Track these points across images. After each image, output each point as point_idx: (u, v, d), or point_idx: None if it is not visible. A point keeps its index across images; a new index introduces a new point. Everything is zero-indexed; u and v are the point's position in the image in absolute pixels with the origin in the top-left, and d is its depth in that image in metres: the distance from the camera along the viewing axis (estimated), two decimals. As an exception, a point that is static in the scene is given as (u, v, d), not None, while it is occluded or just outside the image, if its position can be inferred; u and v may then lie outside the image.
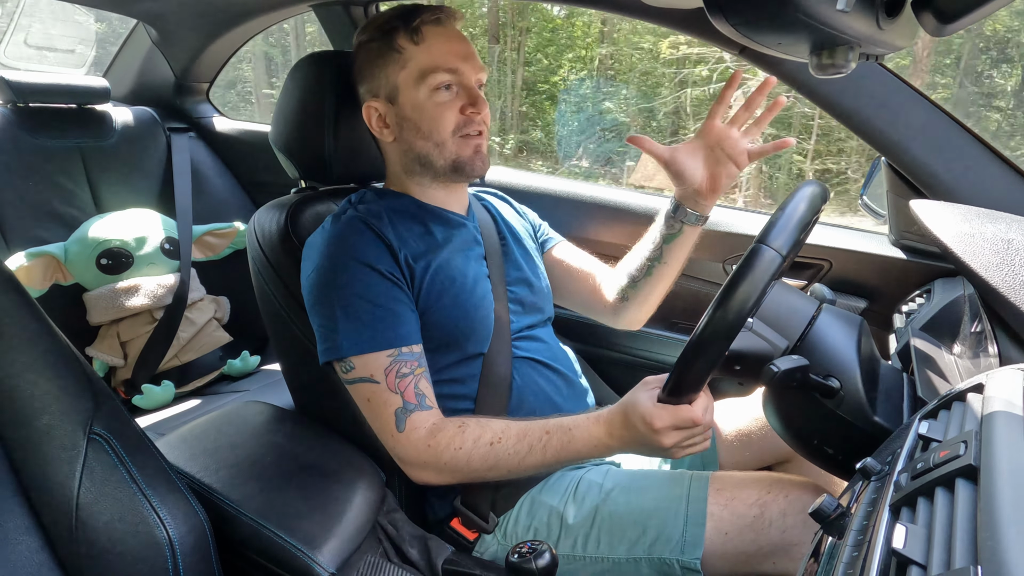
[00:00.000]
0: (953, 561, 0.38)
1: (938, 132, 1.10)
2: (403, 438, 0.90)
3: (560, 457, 0.88)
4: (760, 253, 0.73)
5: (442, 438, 0.89)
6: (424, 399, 0.92)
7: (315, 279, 0.93)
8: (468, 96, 0.97)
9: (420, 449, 0.89)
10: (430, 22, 0.96)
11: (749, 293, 0.72)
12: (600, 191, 1.54)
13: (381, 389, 0.90)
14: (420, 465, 0.90)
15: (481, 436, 0.89)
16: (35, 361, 0.68)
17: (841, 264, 1.30)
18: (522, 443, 0.89)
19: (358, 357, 0.90)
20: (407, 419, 0.90)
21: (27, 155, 1.60)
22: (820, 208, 0.84)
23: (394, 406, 0.90)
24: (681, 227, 1.04)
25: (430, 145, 0.98)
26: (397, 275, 0.93)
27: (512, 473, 0.90)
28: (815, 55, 0.62)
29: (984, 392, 0.55)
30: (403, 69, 0.96)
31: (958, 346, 0.89)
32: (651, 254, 1.09)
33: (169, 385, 1.61)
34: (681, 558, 0.87)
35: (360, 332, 0.90)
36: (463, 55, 0.96)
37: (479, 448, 0.89)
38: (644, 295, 1.13)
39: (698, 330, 0.76)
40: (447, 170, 1.00)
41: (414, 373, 0.91)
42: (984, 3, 0.57)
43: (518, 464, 0.89)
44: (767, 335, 0.83)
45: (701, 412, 0.81)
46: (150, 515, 0.68)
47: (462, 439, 0.89)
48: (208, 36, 1.83)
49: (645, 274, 1.11)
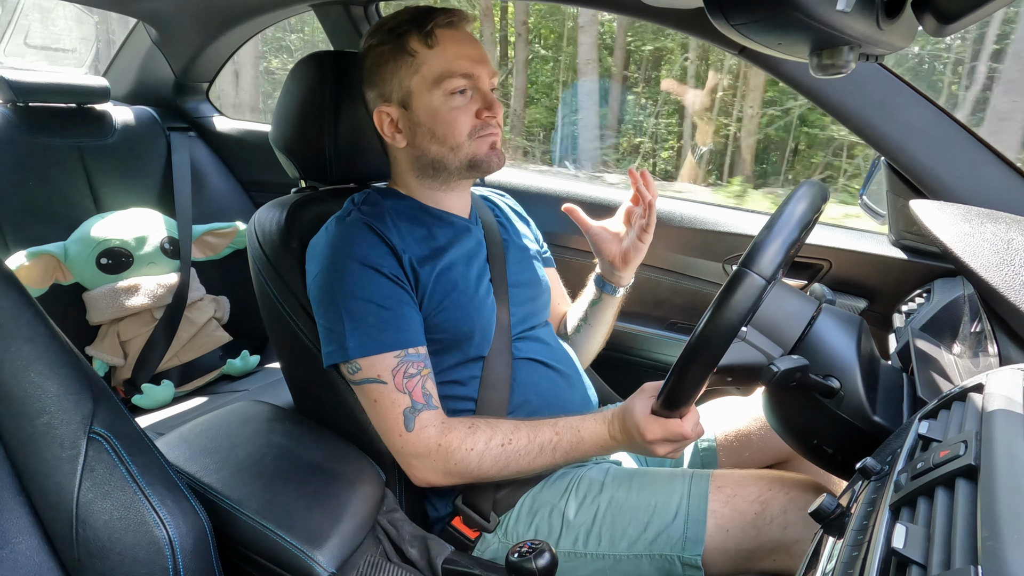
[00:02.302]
0: (953, 561, 0.38)
1: (938, 132, 1.10)
2: (412, 437, 0.90)
3: (569, 456, 0.91)
4: (743, 277, 0.71)
5: (453, 438, 0.90)
6: (431, 399, 0.92)
7: (320, 282, 0.93)
8: (483, 100, 0.97)
9: (431, 448, 0.89)
10: (443, 25, 0.95)
11: (732, 320, 0.71)
12: (601, 191, 1.54)
13: (389, 390, 0.90)
14: (429, 466, 0.90)
15: (492, 437, 0.90)
16: (35, 360, 0.68)
17: (841, 264, 1.30)
18: (533, 443, 0.90)
19: (365, 359, 0.90)
20: (416, 418, 0.90)
21: (27, 154, 1.60)
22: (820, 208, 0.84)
23: (402, 406, 0.90)
24: (600, 295, 1.16)
25: (445, 149, 0.98)
26: (400, 277, 0.93)
27: (521, 473, 0.91)
28: (815, 55, 0.62)
29: (984, 392, 0.55)
30: (416, 74, 0.95)
31: (958, 346, 0.89)
32: (581, 314, 1.21)
33: (169, 385, 1.61)
34: (682, 554, 0.87)
35: (366, 334, 0.90)
36: (477, 59, 0.96)
37: (491, 450, 0.90)
38: (578, 347, 1.22)
39: (685, 350, 0.75)
40: (462, 169, 1.00)
41: (421, 373, 0.92)
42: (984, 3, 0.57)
43: (528, 464, 0.90)
44: (761, 344, 0.83)
45: (690, 428, 0.84)
46: (150, 515, 0.68)
47: (474, 440, 0.90)
48: (208, 36, 1.83)
49: (575, 331, 1.22)
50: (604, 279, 1.15)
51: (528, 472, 0.91)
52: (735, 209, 1.48)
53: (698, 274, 1.45)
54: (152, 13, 1.75)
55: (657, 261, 1.47)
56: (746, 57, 1.15)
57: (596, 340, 1.21)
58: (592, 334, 1.20)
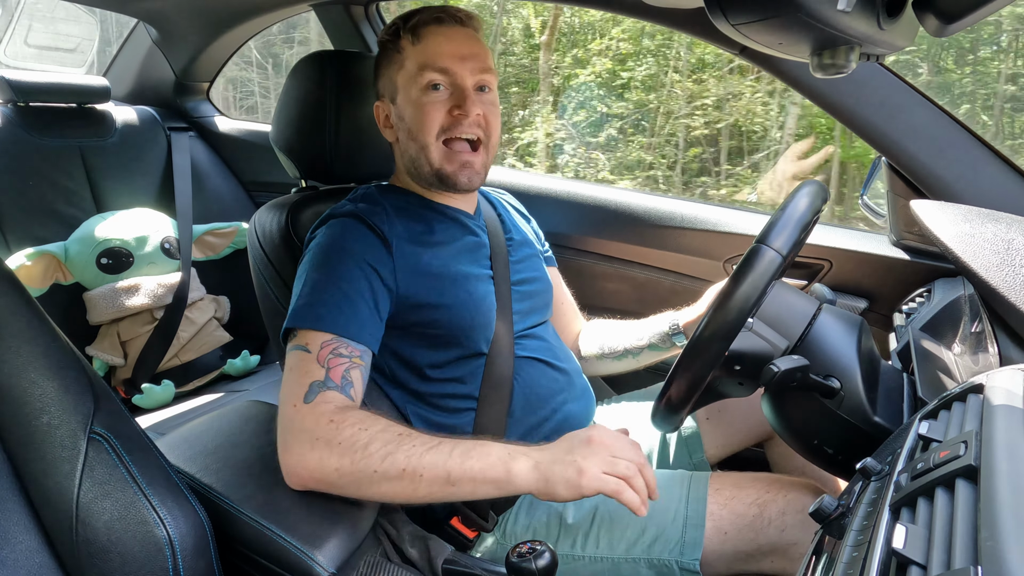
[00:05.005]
0: (953, 561, 0.38)
1: (938, 132, 1.10)
2: (306, 409, 0.79)
3: (464, 464, 0.75)
4: (760, 253, 0.73)
5: (350, 416, 0.79)
6: (349, 387, 0.82)
7: (302, 262, 0.93)
8: (457, 97, 0.95)
9: (321, 423, 0.78)
10: (430, 22, 0.96)
11: (749, 294, 0.72)
12: (601, 191, 1.54)
13: (309, 359, 0.82)
14: (311, 440, 0.77)
15: (391, 426, 0.80)
16: (35, 360, 0.68)
17: (841, 264, 1.30)
18: (431, 440, 0.78)
19: (305, 330, 0.85)
20: (320, 393, 0.80)
21: (27, 154, 1.60)
22: (820, 208, 0.84)
23: (313, 378, 0.81)
24: (671, 347, 1.13)
25: (416, 147, 0.97)
26: (384, 271, 0.92)
27: (407, 472, 0.75)
28: (816, 55, 0.62)
29: (984, 392, 0.55)
30: (401, 69, 0.97)
31: (958, 346, 0.89)
32: (630, 347, 1.17)
33: (169, 385, 1.61)
34: (680, 559, 0.87)
35: (315, 307, 0.86)
36: (460, 55, 0.95)
37: (386, 433, 0.78)
38: (603, 368, 1.22)
39: (698, 329, 0.76)
40: (432, 178, 0.99)
41: (352, 360, 0.84)
42: (985, 3, 0.57)
43: (418, 459, 0.76)
44: (767, 335, 0.83)
45: (641, 460, 0.75)
46: (150, 514, 0.68)
47: (372, 421, 0.79)
48: (208, 35, 1.83)
49: (615, 358, 1.19)
50: (683, 330, 1.09)
51: (416, 471, 0.75)
52: (735, 209, 1.48)
53: (698, 274, 1.45)
54: (152, 13, 1.75)
55: (657, 261, 1.47)
56: (746, 57, 1.15)
57: (633, 369, 1.21)
58: (634, 365, 1.19)
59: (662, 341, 1.13)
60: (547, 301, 1.14)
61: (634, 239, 1.48)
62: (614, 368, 1.22)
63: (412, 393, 0.99)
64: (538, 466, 0.75)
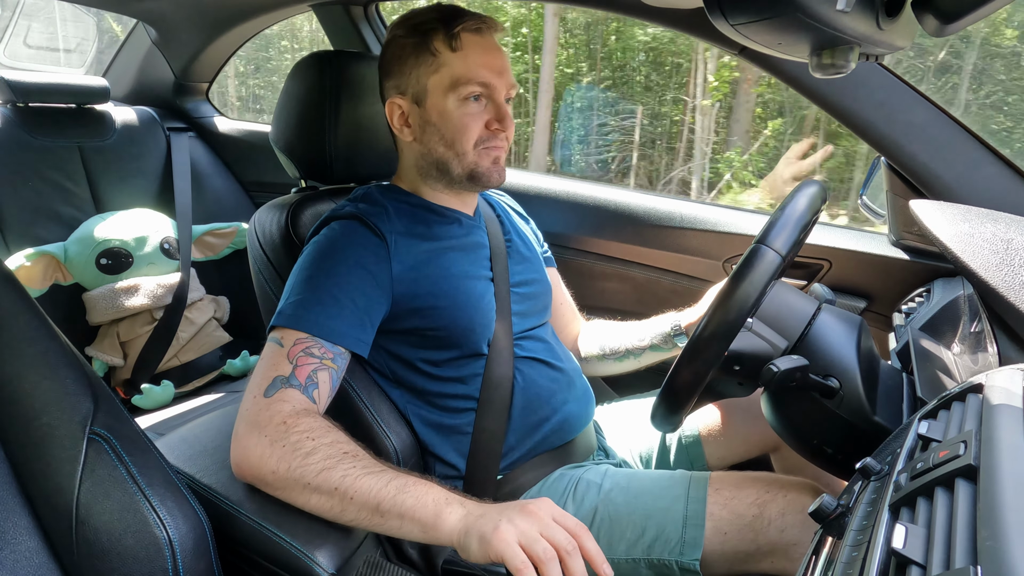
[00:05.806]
0: (953, 561, 0.38)
1: (938, 132, 1.10)
2: (263, 403, 0.80)
3: (396, 498, 0.72)
4: (760, 253, 0.73)
5: (303, 422, 0.78)
6: (313, 388, 0.82)
7: (298, 261, 0.94)
8: (496, 112, 0.97)
9: (273, 421, 0.78)
10: (471, 30, 0.95)
11: (749, 294, 0.72)
12: (601, 191, 1.54)
13: (280, 353, 0.84)
14: (258, 436, 0.77)
15: (340, 442, 0.78)
16: (35, 361, 0.68)
17: (841, 264, 1.30)
18: (375, 466, 0.76)
19: (284, 328, 0.86)
20: (280, 390, 0.80)
21: (27, 155, 1.60)
22: (819, 208, 0.84)
23: (279, 372, 0.82)
24: (672, 348, 1.15)
25: (451, 154, 0.98)
26: (381, 273, 0.92)
27: (338, 491, 0.74)
28: (815, 55, 0.62)
29: (984, 392, 0.55)
30: (435, 73, 0.95)
31: (958, 346, 0.89)
32: (632, 347, 1.19)
33: (169, 385, 1.61)
34: (680, 559, 0.87)
35: (299, 308, 0.87)
36: (498, 69, 0.96)
37: (331, 448, 0.76)
38: (604, 369, 1.23)
39: (698, 329, 0.76)
40: (463, 178, 1.00)
41: (322, 361, 0.84)
42: (985, 2, 0.57)
43: (353, 480, 0.74)
44: (767, 335, 0.84)
45: (569, 548, 0.67)
46: (150, 515, 0.68)
47: (322, 432, 0.78)
48: (208, 36, 1.83)
49: (616, 358, 1.21)
50: (684, 331, 1.12)
51: (348, 494, 0.74)
52: (735, 209, 1.48)
53: (698, 274, 1.45)
54: (152, 13, 1.75)
55: (657, 261, 1.47)
56: (746, 57, 1.15)
57: (634, 369, 1.22)
58: (635, 366, 1.20)
59: (664, 342, 1.14)
60: (546, 304, 1.14)
61: (634, 239, 1.48)
62: (615, 369, 1.22)
63: (413, 393, 0.99)
64: (466, 517, 0.71)
